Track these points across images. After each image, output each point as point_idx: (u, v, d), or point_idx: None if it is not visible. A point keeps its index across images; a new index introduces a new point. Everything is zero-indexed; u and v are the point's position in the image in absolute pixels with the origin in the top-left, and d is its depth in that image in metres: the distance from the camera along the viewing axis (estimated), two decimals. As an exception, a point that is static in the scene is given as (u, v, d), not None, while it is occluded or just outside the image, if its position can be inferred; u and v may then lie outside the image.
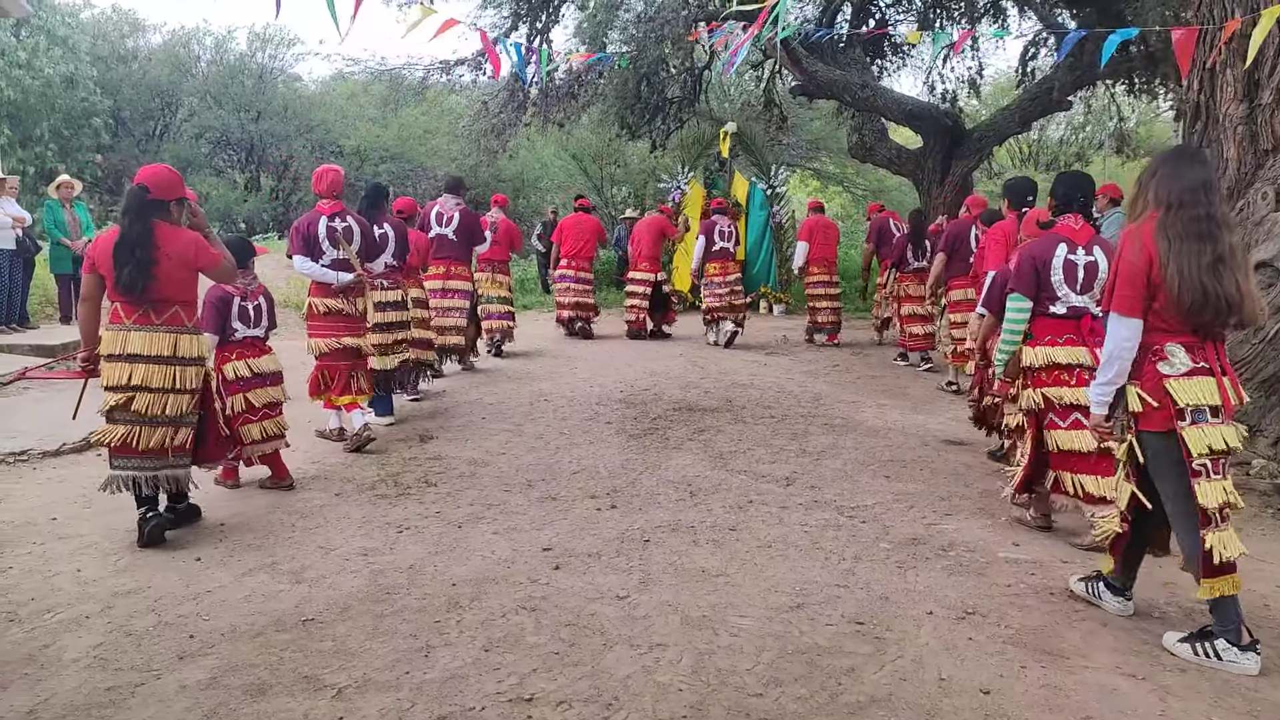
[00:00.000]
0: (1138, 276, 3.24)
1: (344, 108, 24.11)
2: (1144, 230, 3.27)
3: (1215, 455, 3.22)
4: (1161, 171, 3.34)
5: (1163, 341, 3.27)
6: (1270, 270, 5.72)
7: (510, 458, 5.99)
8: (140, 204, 4.18)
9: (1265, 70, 5.94)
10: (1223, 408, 3.24)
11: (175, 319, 4.31)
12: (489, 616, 3.49)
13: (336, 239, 6.02)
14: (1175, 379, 3.23)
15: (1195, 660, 3.22)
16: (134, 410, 4.19)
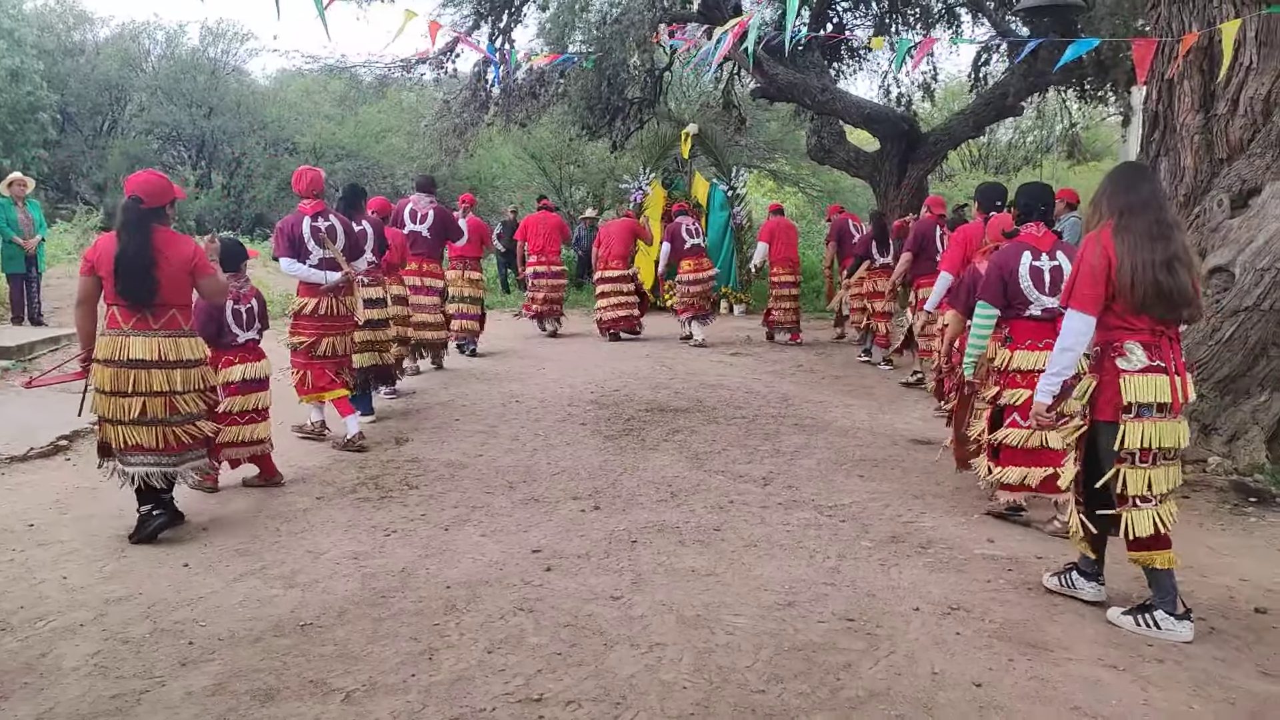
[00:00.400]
0: (1098, 276, 3.46)
1: (298, 104, 23.83)
2: (1103, 234, 3.52)
3: (1148, 451, 3.47)
4: (1115, 186, 3.61)
5: (1123, 339, 3.49)
6: (1225, 275, 5.94)
7: (488, 459, 6.01)
8: (137, 216, 4.23)
9: (1221, 82, 6.17)
10: (1171, 405, 3.46)
11: (173, 322, 4.36)
12: (487, 618, 3.53)
13: (321, 239, 6.05)
14: (1130, 374, 3.46)
15: (1138, 631, 3.50)
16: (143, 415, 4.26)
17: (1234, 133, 6.15)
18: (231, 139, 23.09)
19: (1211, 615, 3.68)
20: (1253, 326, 5.83)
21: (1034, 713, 2.87)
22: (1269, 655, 3.33)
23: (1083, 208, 4.60)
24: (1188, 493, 5.59)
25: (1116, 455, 3.49)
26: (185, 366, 4.36)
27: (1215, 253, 6.02)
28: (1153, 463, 3.49)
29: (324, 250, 6.07)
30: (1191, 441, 5.99)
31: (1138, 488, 3.47)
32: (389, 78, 15.92)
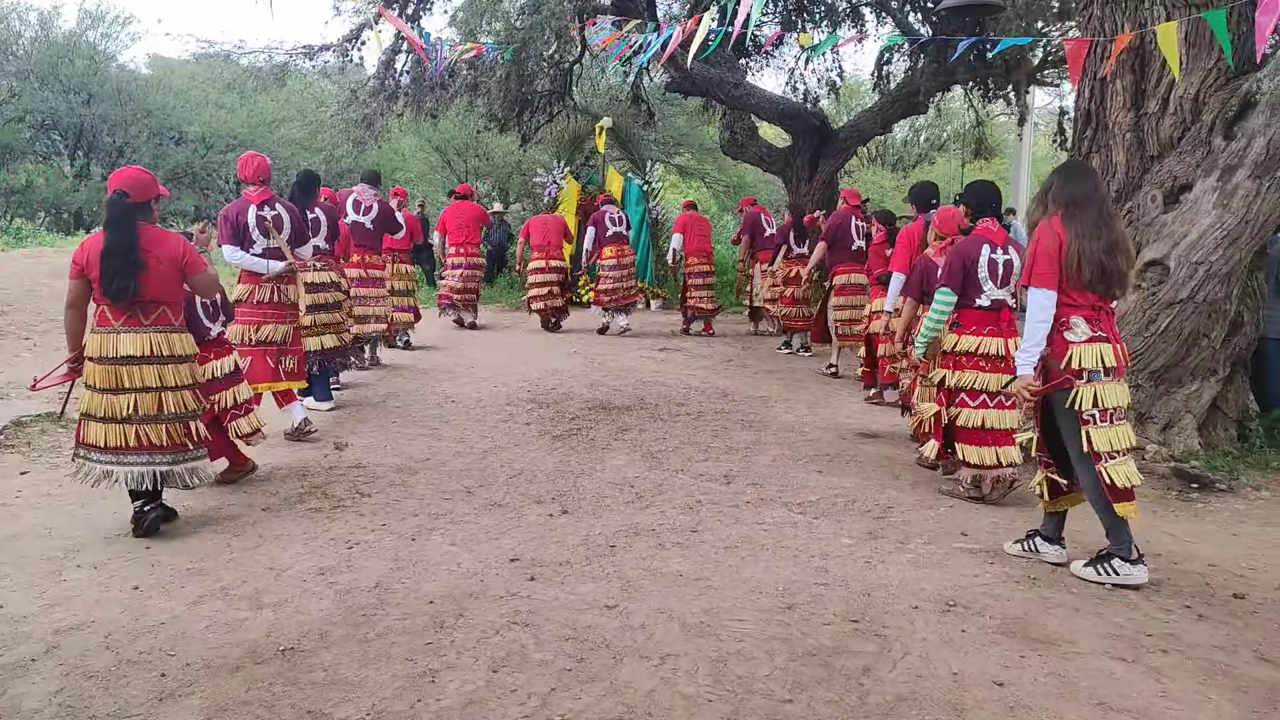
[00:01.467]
0: (1051, 256, 3.91)
1: (186, 91, 22.67)
2: (1054, 222, 3.96)
3: (1104, 410, 3.90)
4: (1063, 181, 4.05)
5: (1068, 315, 3.94)
6: (1160, 268, 6.13)
7: (437, 463, 5.77)
8: (123, 211, 4.16)
9: (1152, 81, 6.37)
10: (1116, 369, 3.93)
11: (163, 319, 4.34)
12: (482, 635, 3.34)
13: (266, 227, 5.97)
14: (1078, 344, 3.91)
15: (1098, 579, 3.94)
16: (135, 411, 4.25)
17: (1164, 131, 6.35)
18: (113, 128, 21.79)
19: (1196, 603, 3.76)
20: (1187, 318, 6.04)
21: (1062, 710, 2.85)
22: (1261, 640, 3.42)
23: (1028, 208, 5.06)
24: (1133, 480, 5.78)
25: (1079, 416, 3.89)
26: (176, 362, 4.35)
27: (1150, 247, 6.21)
28: (1111, 422, 3.92)
29: (268, 239, 5.98)
30: (1129, 430, 6.23)
31: (1105, 444, 3.89)
32: (290, 65, 15.22)
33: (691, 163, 26.14)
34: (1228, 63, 5.81)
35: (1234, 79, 6.04)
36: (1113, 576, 3.90)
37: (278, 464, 5.68)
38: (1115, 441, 3.91)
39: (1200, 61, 6.13)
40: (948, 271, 5.14)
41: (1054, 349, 3.95)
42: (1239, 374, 6.53)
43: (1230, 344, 6.31)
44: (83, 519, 4.57)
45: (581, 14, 11.74)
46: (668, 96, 20.92)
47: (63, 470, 5.39)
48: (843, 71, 18.47)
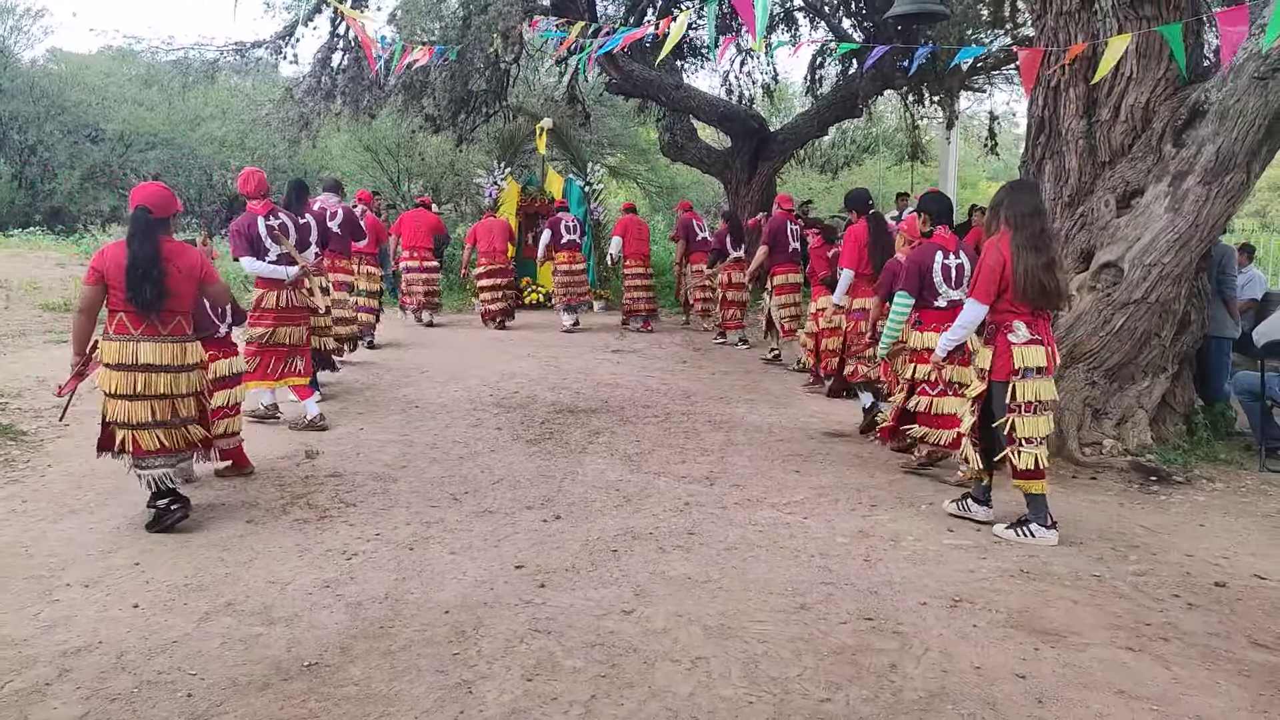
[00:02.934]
0: (995, 275, 4.47)
1: (103, 88, 21.81)
2: (1001, 243, 4.48)
3: (1031, 404, 4.47)
4: (1008, 199, 4.58)
5: (1011, 320, 4.50)
6: (1114, 270, 6.38)
7: (415, 471, 5.70)
8: (146, 226, 4.36)
9: (1104, 90, 6.62)
10: (1046, 368, 4.49)
11: (179, 328, 4.53)
12: (507, 644, 3.33)
13: (276, 236, 6.38)
14: (1018, 346, 4.47)
15: (1017, 540, 4.54)
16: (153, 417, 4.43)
17: (1116, 137, 6.62)
18: (24, 125, 20.85)
19: (1184, 593, 3.94)
20: (1140, 318, 6.30)
21: (1086, 700, 2.97)
22: (1251, 625, 3.60)
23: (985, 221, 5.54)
24: (1095, 474, 6.01)
25: (1008, 407, 4.49)
26: (189, 370, 4.55)
27: (1105, 250, 6.46)
28: (1035, 412, 4.49)
29: (279, 247, 6.39)
30: (1085, 426, 6.47)
31: (1025, 431, 4.48)
32: (220, 62, 14.80)
33: (625, 163, 26.17)
34: (1181, 74, 6.07)
35: (1182, 89, 6.33)
36: (1028, 538, 4.53)
37: (253, 475, 5.54)
38: (1033, 430, 4.49)
39: (1151, 71, 6.40)
40: (906, 276, 5.60)
41: (998, 348, 4.53)
42: (1186, 371, 6.84)
43: (1179, 342, 6.61)
44: (60, 535, 4.40)
45: (529, 14, 11.67)
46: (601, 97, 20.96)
47: (23, 484, 5.19)
48: (777, 75, 18.77)
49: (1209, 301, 6.87)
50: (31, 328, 10.14)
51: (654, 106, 17.77)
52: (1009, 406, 4.48)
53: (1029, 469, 4.49)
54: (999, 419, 4.57)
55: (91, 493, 5.06)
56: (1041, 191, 4.93)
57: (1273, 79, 5.80)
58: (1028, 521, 4.58)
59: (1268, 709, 2.94)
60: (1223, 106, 5.97)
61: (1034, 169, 7.18)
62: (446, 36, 12.49)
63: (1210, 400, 7.05)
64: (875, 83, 13.82)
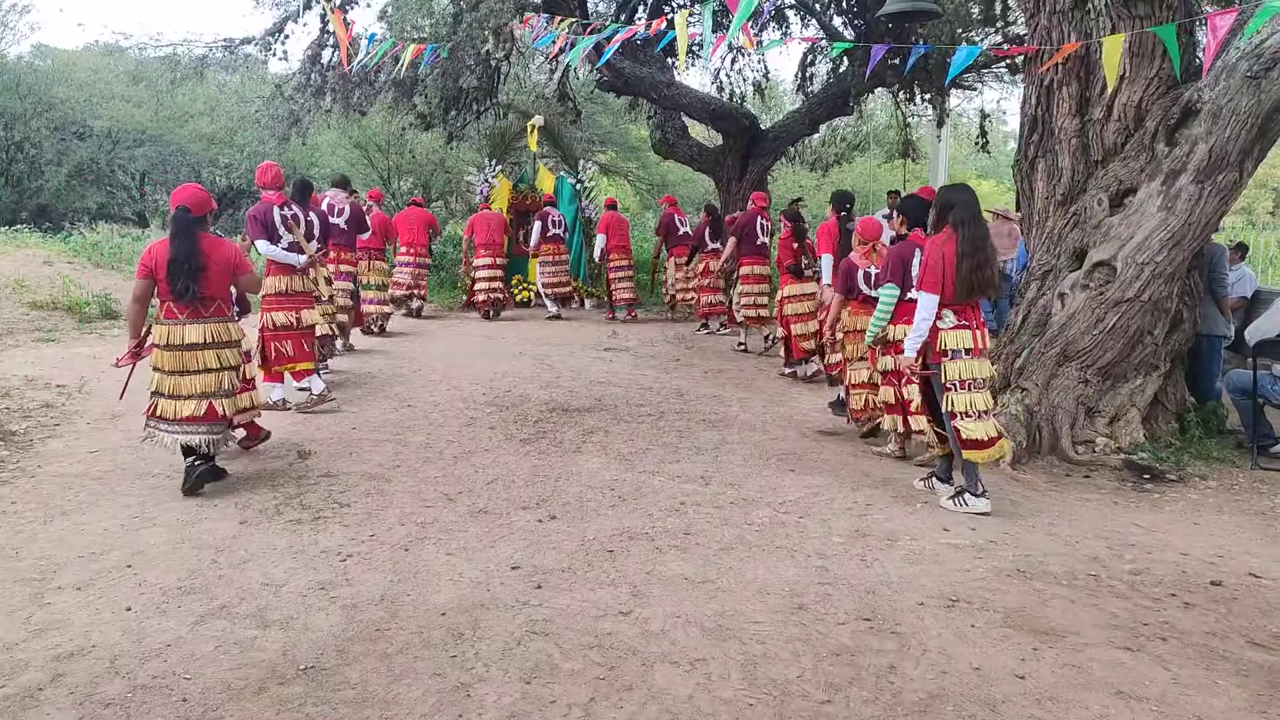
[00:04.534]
0: (939, 268, 4.93)
1: (90, 84, 21.65)
2: (946, 244, 4.95)
3: (963, 381, 4.98)
4: (954, 201, 5.04)
5: (941, 309, 5.00)
6: (1107, 269, 6.40)
7: (409, 470, 5.67)
8: (186, 224, 4.97)
9: (1096, 89, 6.63)
10: (973, 349, 5.00)
11: (219, 311, 5.14)
12: (505, 646, 3.31)
13: (289, 224, 6.88)
14: (945, 331, 5.01)
15: (954, 508, 5.03)
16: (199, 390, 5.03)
17: (1109, 136, 6.63)
18: (11, 121, 20.67)
19: (1180, 592, 3.94)
20: (1133, 316, 6.32)
21: (1086, 700, 2.97)
22: (1248, 625, 3.61)
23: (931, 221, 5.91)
24: (1088, 472, 6.03)
25: (943, 385, 5.01)
26: (230, 347, 5.15)
27: (1098, 248, 6.47)
28: (970, 389, 4.98)
29: (291, 235, 6.87)
30: (1078, 424, 6.48)
31: (961, 406, 4.98)
32: (208, 59, 14.71)
33: (616, 160, 26.14)
34: (1175, 73, 6.08)
35: (1175, 88, 6.34)
36: (965, 506, 5.01)
37: (243, 474, 5.51)
38: (970, 405, 4.97)
39: (1143, 71, 6.41)
40: (890, 270, 5.71)
41: (930, 335, 5.06)
42: (1178, 369, 6.86)
43: (1171, 340, 6.63)
44: (50, 537, 4.36)
45: (522, 10, 11.63)
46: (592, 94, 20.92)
47: (12, 486, 5.15)
48: (768, 72, 18.77)
49: (1201, 300, 6.89)
50: (20, 326, 10.06)
51: (645, 104, 17.75)
52: (944, 385, 5.01)
53: (969, 440, 4.96)
54: (939, 399, 5.12)
55: (83, 494, 5.02)
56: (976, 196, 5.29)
57: (1265, 78, 5.81)
58: (963, 491, 5.06)
59: (1267, 709, 2.95)
60: (1215, 105, 5.98)
61: (1027, 167, 7.19)
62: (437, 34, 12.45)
63: (1202, 398, 7.07)
64: (867, 80, 13.80)
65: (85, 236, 14.77)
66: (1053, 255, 6.88)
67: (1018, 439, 6.22)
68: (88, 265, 12.97)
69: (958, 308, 5.02)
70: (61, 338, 9.80)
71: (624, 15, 16.16)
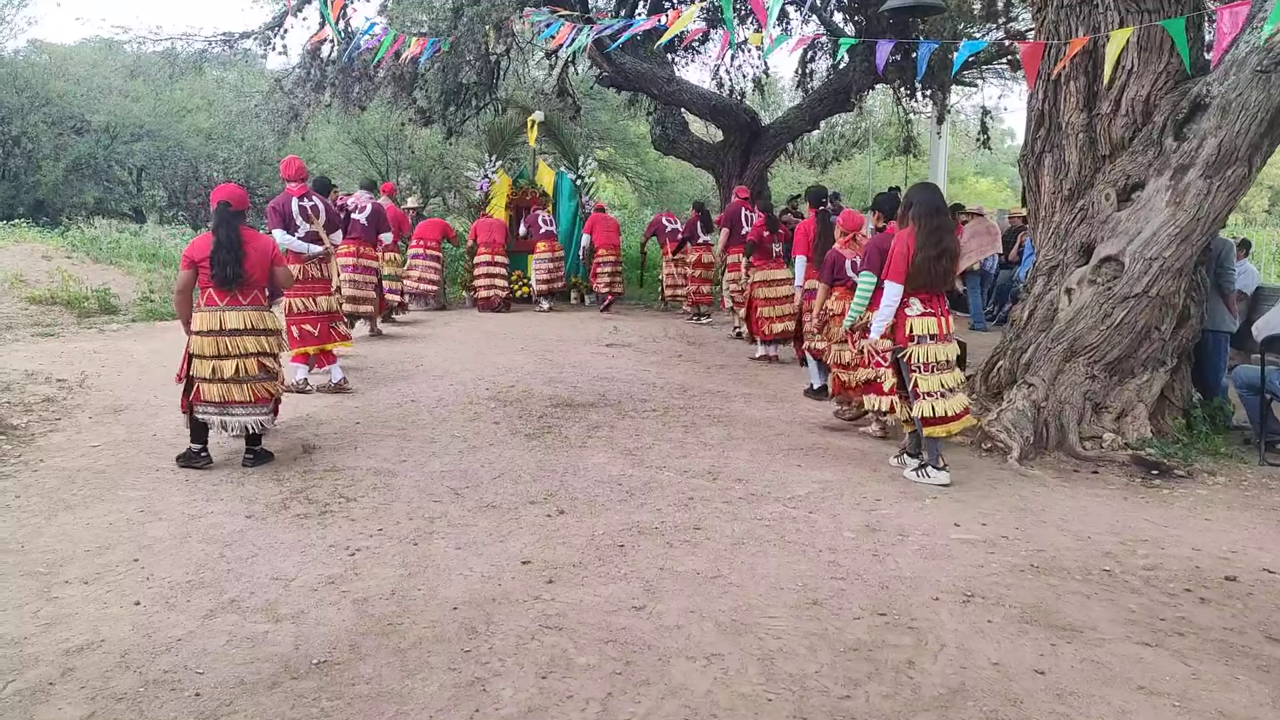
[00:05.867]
0: (903, 260, 5.29)
1: (88, 79, 21.54)
2: (910, 237, 5.30)
3: (928, 364, 5.37)
4: (916, 199, 5.40)
5: (909, 298, 5.38)
6: (1115, 264, 6.38)
7: (415, 465, 5.64)
8: (228, 217, 5.31)
9: (1104, 83, 6.60)
10: (938, 335, 5.39)
11: (257, 299, 5.47)
12: (519, 641, 3.28)
13: (307, 215, 7.26)
14: (913, 318, 5.39)
15: (916, 480, 5.45)
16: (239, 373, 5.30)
17: (1116, 131, 6.60)
18: (9, 116, 20.55)
19: (1195, 587, 3.92)
20: (1141, 312, 6.30)
21: (1108, 696, 2.94)
22: (1265, 620, 3.58)
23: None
24: (1096, 468, 6.01)
25: (909, 367, 5.38)
26: (267, 334, 5.46)
27: (1105, 243, 6.45)
28: (934, 371, 5.38)
29: (309, 225, 7.24)
30: (1085, 420, 6.46)
31: (925, 386, 5.36)
32: (207, 53, 14.64)
33: (614, 157, 26.09)
34: (1185, 68, 6.05)
35: (1183, 82, 6.31)
36: (926, 479, 5.43)
37: (247, 468, 5.47)
38: (932, 385, 5.35)
39: (1151, 65, 6.39)
40: (868, 259, 5.91)
41: (898, 319, 5.43)
42: (1184, 365, 6.84)
43: (1178, 336, 6.61)
44: (55, 531, 4.33)
45: (523, 5, 11.58)
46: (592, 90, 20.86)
47: (15, 480, 5.11)
48: (767, 68, 18.73)
49: (1207, 295, 6.87)
50: (19, 321, 10.01)
51: (645, 100, 17.72)
52: (910, 367, 5.40)
53: (928, 416, 5.35)
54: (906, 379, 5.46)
55: (86, 488, 4.98)
56: (941, 194, 5.63)
57: (1275, 72, 5.79)
58: (925, 465, 5.48)
59: (1288, 704, 2.93)
60: (1224, 100, 5.96)
61: (1034, 162, 7.16)
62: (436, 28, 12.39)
63: (1208, 394, 7.05)
64: (868, 76, 13.79)
65: (84, 231, 14.69)
66: (1059, 250, 6.85)
67: (1024, 434, 6.21)
68: (86, 260, 12.89)
69: (924, 296, 5.40)
70: (61, 332, 9.75)
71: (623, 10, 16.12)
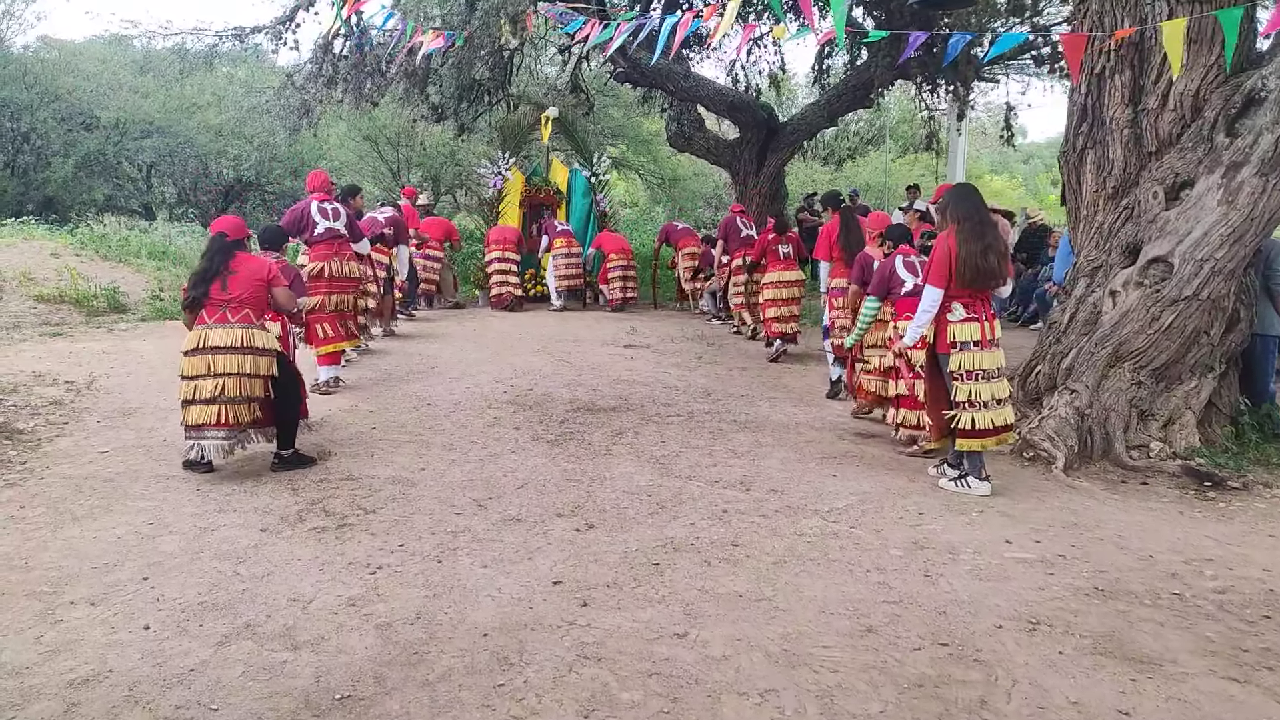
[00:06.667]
0: (944, 263, 5.10)
1: (97, 75, 21.34)
2: (949, 239, 5.12)
3: (971, 371, 5.13)
4: (954, 201, 5.26)
5: (950, 301, 5.17)
6: (1163, 265, 6.11)
7: (435, 473, 5.41)
8: (220, 246, 5.30)
9: (1151, 77, 6.34)
10: (982, 342, 5.14)
11: (247, 318, 5.22)
12: (556, 673, 3.04)
13: (327, 215, 7.53)
14: (954, 323, 5.17)
15: (955, 489, 5.24)
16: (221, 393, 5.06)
17: (1163, 127, 6.33)
18: (17, 112, 20.34)
19: (1274, 613, 3.66)
20: (1190, 315, 6.03)
21: (1202, 740, 2.70)
22: (1357, 653, 3.33)
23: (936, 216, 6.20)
24: (1146, 479, 5.75)
25: (950, 375, 5.19)
26: (256, 353, 5.17)
27: (1153, 244, 6.18)
28: (976, 380, 5.14)
29: (327, 221, 7.48)
30: (1131, 428, 6.20)
31: (965, 396, 5.15)
32: (218, 48, 14.43)
33: (626, 154, 25.82)
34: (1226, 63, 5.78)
35: (1235, 76, 6.04)
36: (967, 489, 5.22)
37: (262, 476, 5.25)
38: (975, 395, 5.13)
39: (1201, 58, 6.12)
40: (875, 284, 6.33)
41: (939, 326, 5.22)
42: (1232, 370, 6.57)
43: (1227, 340, 6.34)
44: (61, 545, 4.11)
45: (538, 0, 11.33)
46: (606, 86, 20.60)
47: (20, 488, 4.89)
48: (784, 64, 18.42)
49: (1256, 298, 6.59)
50: (26, 320, 9.81)
51: (658, 97, 17.45)
52: (951, 374, 5.17)
53: (965, 429, 5.14)
54: (950, 387, 5.24)
55: (94, 498, 4.77)
56: (980, 195, 5.44)
57: (1337, 65, 5.52)
58: (965, 475, 5.27)
59: (1401, 751, 2.68)
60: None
61: (1075, 159, 6.89)
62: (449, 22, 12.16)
63: (1256, 401, 6.77)
64: (890, 72, 13.50)
65: (93, 228, 14.48)
66: (1102, 251, 6.59)
67: (1069, 443, 5.95)
68: (95, 258, 12.70)
69: (967, 300, 5.17)
70: (69, 332, 9.54)
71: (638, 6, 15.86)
